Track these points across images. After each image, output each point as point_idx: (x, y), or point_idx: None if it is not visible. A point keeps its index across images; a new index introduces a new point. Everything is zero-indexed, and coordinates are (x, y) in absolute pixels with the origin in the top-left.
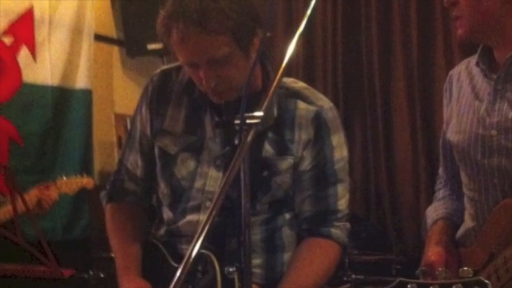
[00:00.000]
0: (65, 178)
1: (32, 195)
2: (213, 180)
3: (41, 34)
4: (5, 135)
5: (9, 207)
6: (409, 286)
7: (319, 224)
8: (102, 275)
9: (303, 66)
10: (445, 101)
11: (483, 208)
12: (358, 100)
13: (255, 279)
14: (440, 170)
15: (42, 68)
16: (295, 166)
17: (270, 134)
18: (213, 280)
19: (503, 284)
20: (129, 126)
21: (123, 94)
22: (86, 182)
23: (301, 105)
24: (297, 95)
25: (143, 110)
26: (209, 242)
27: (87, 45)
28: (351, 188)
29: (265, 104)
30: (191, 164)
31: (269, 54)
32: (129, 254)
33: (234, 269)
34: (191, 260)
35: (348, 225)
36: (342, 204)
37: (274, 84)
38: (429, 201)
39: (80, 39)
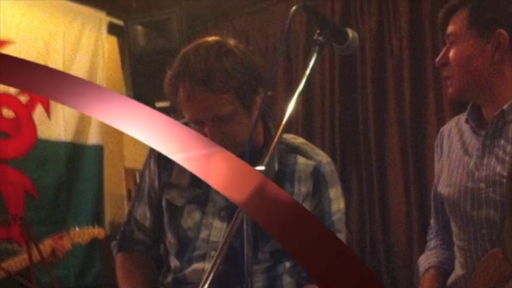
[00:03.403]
0: (77, 228)
1: (47, 244)
2: (217, 230)
3: None
4: (21, 188)
5: (25, 256)
6: None
7: None
8: None
9: (302, 123)
10: (436, 156)
11: (472, 257)
12: (354, 155)
13: None
14: (432, 221)
15: (56, 125)
16: None
17: None
18: None
19: None
20: (138, 180)
21: (133, 149)
22: (98, 232)
23: (301, 160)
24: (296, 150)
25: (151, 164)
26: None
27: None
28: (348, 238)
29: (267, 158)
30: (197, 215)
31: (270, 111)
32: None
33: None
34: None
35: None
36: None
37: (275, 140)
38: (421, 251)
39: None
